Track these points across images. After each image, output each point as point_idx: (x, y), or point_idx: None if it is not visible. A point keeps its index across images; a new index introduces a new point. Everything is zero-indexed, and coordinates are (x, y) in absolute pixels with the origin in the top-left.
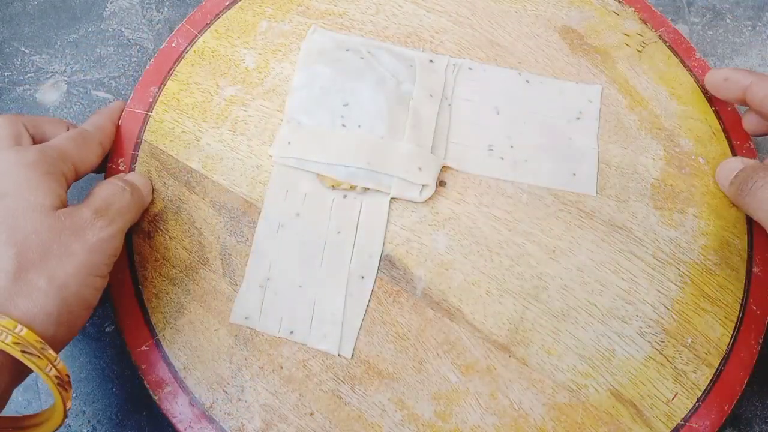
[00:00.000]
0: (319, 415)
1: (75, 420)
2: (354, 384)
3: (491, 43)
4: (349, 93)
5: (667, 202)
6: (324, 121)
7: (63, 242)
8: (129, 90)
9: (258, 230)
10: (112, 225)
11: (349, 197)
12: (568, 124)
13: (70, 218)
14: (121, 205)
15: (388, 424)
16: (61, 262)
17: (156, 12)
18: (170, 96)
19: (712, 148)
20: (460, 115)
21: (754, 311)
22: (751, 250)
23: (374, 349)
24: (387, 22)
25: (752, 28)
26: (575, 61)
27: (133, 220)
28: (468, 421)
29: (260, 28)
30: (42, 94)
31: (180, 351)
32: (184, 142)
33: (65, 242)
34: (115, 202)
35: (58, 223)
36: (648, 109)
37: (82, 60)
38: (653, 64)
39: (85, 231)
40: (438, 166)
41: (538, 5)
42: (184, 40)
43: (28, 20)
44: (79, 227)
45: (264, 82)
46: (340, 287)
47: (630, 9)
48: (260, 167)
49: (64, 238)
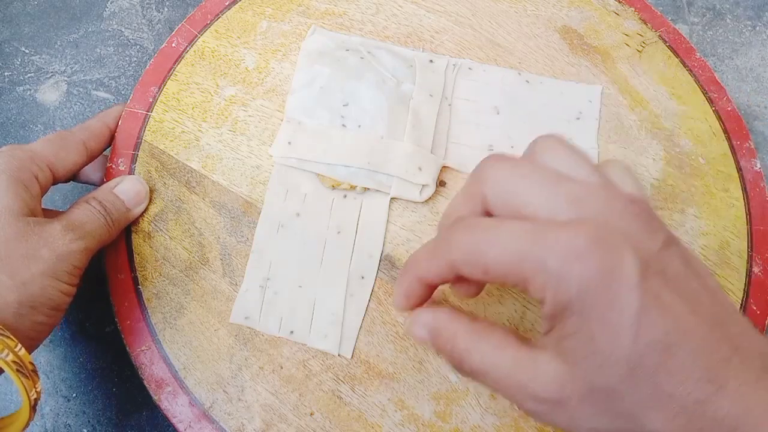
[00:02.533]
0: (319, 415)
1: (75, 420)
2: (354, 384)
3: (491, 43)
4: (349, 93)
5: (667, 202)
6: (324, 121)
7: (30, 245)
8: (129, 90)
9: (258, 230)
10: (81, 240)
11: (349, 197)
12: (568, 124)
13: (39, 227)
14: (94, 228)
15: (388, 424)
16: (26, 262)
17: (156, 12)
18: (170, 96)
19: (712, 148)
20: (460, 115)
21: (754, 311)
22: (751, 250)
23: (374, 349)
24: (387, 22)
25: (752, 28)
26: (575, 61)
27: (106, 242)
28: (468, 421)
29: (260, 28)
30: (42, 94)
31: (180, 351)
32: (184, 142)
33: (33, 246)
34: (88, 224)
35: (27, 227)
36: (648, 109)
37: (82, 60)
38: (653, 64)
39: (55, 240)
40: (438, 166)
41: (538, 5)
42: (184, 40)
43: (28, 20)
44: (49, 236)
45: (264, 82)
46: (340, 287)
47: (630, 9)
48: (260, 167)
49: (32, 243)
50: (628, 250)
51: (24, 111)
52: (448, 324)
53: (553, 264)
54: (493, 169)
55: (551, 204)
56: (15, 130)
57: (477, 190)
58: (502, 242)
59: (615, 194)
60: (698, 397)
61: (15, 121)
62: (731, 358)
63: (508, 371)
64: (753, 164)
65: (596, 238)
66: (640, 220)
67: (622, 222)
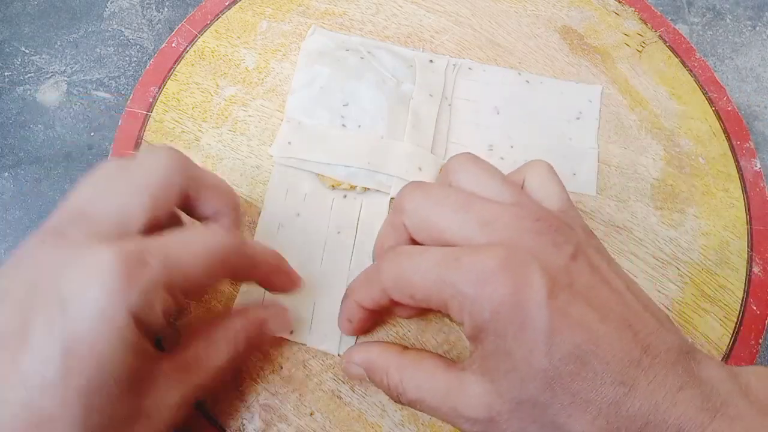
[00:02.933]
0: (319, 415)
1: None
2: (354, 384)
3: (491, 43)
4: (349, 93)
5: (667, 202)
6: (324, 121)
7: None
8: (129, 90)
9: (258, 230)
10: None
11: (349, 197)
12: (568, 124)
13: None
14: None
15: (388, 424)
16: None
17: (156, 12)
18: (170, 96)
19: (712, 148)
20: (460, 115)
21: (754, 311)
22: (751, 250)
23: None
24: (387, 22)
25: (752, 28)
26: (575, 61)
27: None
28: None
29: (260, 28)
30: (42, 94)
31: None
32: (184, 142)
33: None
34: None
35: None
36: (648, 109)
37: (82, 60)
38: (653, 64)
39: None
40: (438, 166)
41: (538, 5)
42: (184, 40)
43: (28, 20)
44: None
45: (264, 82)
46: (340, 287)
47: (630, 9)
48: (260, 167)
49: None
50: (536, 270)
51: (24, 111)
52: (379, 359)
53: (467, 288)
54: (409, 198)
55: (464, 229)
56: (15, 130)
57: (398, 220)
58: (422, 269)
59: (522, 213)
60: (612, 399)
61: (15, 121)
62: (641, 359)
63: (442, 397)
64: (753, 164)
65: (505, 260)
66: (547, 237)
67: (530, 241)
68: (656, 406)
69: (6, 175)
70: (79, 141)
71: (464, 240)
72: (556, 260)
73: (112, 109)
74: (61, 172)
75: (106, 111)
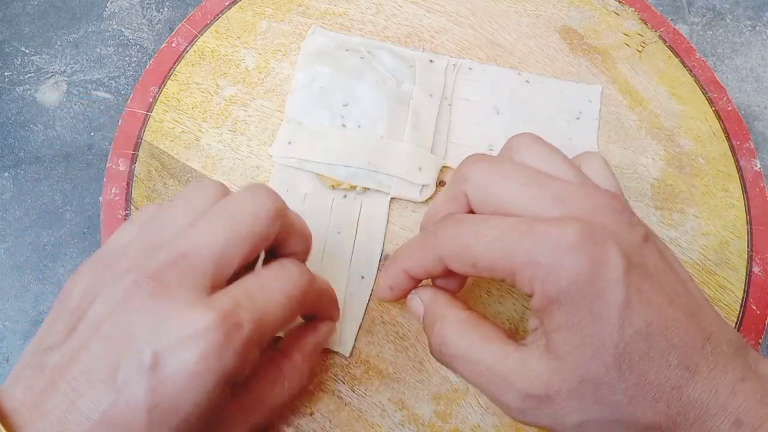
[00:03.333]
0: (319, 415)
1: None
2: (354, 384)
3: (491, 43)
4: (349, 93)
5: (667, 202)
6: (324, 121)
7: None
8: (129, 90)
9: None
10: None
11: (349, 197)
12: (568, 124)
13: None
14: None
15: (388, 424)
16: None
17: (156, 12)
18: (170, 96)
19: (712, 148)
20: (460, 115)
21: (754, 311)
22: (751, 250)
23: (374, 349)
24: (387, 22)
25: (752, 28)
26: (575, 61)
27: None
28: (468, 421)
29: (260, 28)
30: (42, 94)
31: None
32: (184, 142)
33: None
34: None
35: None
36: (648, 109)
37: (82, 60)
38: (653, 64)
39: None
40: (438, 166)
41: (538, 5)
42: (184, 40)
43: (28, 20)
44: None
45: (264, 82)
46: (340, 287)
47: (630, 9)
48: (260, 167)
49: None
50: (613, 245)
51: (24, 111)
52: (443, 306)
53: (543, 257)
54: (474, 169)
55: (535, 203)
56: (15, 130)
57: (459, 189)
58: (490, 235)
59: (595, 191)
60: (675, 383)
61: (15, 121)
62: (704, 346)
63: (492, 363)
64: (753, 164)
65: (584, 233)
66: (621, 216)
67: (605, 218)
68: (716, 394)
69: (6, 175)
70: (79, 141)
71: (534, 214)
72: (631, 240)
73: (112, 109)
74: (61, 172)
75: (106, 111)
